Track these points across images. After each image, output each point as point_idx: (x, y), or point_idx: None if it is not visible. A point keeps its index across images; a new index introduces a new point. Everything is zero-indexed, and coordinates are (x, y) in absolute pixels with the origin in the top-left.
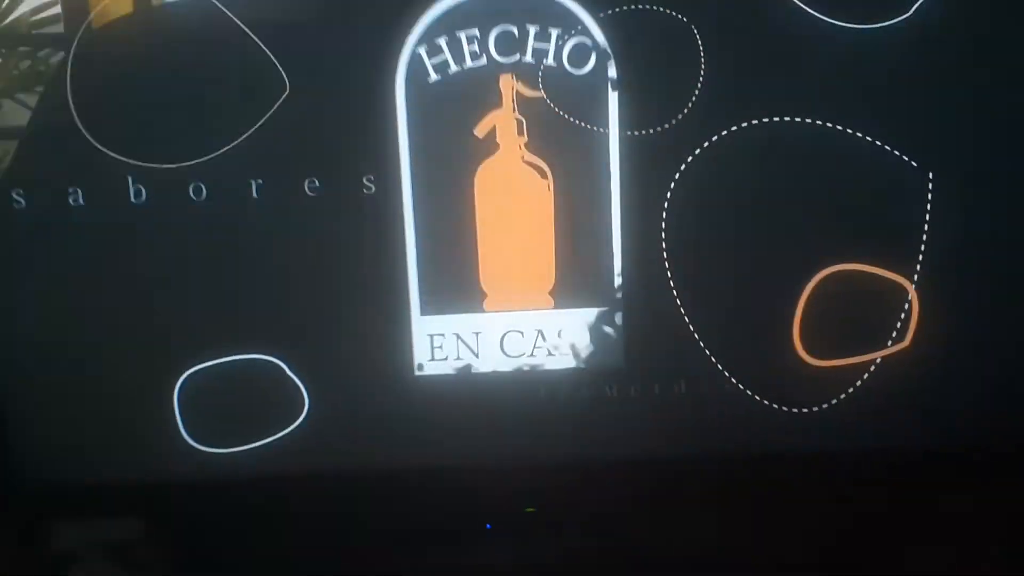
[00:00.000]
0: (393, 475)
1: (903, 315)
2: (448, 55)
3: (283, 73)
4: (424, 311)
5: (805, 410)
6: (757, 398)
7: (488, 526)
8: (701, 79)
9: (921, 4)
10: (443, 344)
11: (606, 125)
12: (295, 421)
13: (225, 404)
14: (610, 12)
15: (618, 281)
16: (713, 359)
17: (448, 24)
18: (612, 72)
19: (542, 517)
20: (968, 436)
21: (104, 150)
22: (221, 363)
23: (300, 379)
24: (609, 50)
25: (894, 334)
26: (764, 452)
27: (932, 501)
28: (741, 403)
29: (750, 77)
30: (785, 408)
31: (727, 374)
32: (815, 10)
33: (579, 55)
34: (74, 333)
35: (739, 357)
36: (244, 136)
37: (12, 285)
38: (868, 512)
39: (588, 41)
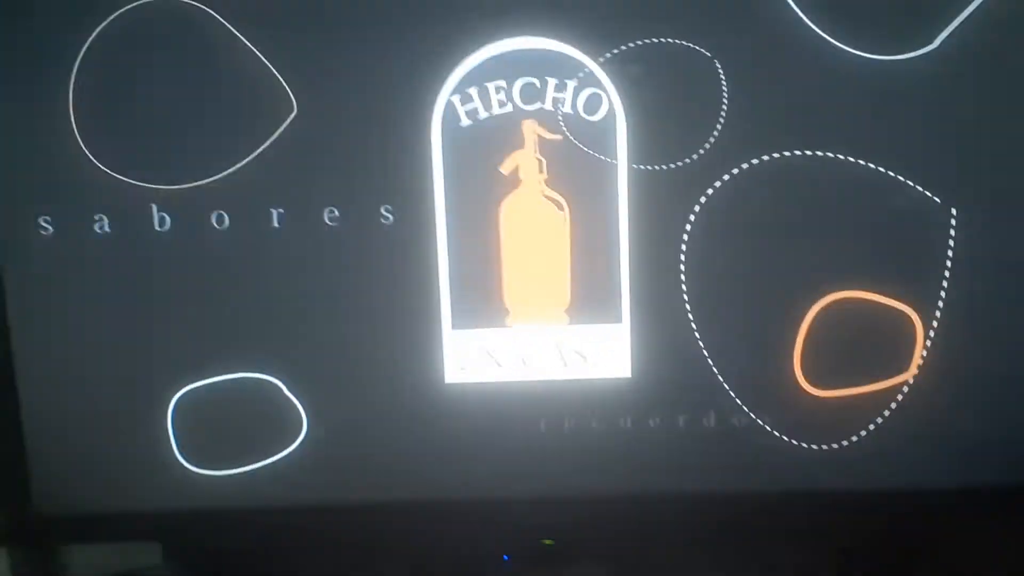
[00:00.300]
0: (408, 505)
1: (925, 351)
2: (478, 103)
3: (308, 112)
4: (455, 326)
5: (826, 446)
6: (776, 433)
7: (506, 558)
8: (723, 114)
9: (946, 36)
10: (471, 356)
11: (616, 162)
12: (296, 441)
13: (237, 426)
14: (611, 55)
15: (628, 305)
16: (732, 393)
17: (478, 76)
18: (621, 117)
19: (560, 549)
20: (990, 473)
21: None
22: (226, 384)
23: (303, 400)
24: (618, 98)
25: (916, 370)
26: (786, 489)
27: (955, 539)
28: (761, 438)
29: (770, 110)
30: (806, 444)
31: (746, 408)
32: (838, 40)
33: (593, 103)
34: (94, 357)
35: (757, 391)
36: (265, 165)
37: (39, 310)
38: (890, 550)
39: (600, 92)
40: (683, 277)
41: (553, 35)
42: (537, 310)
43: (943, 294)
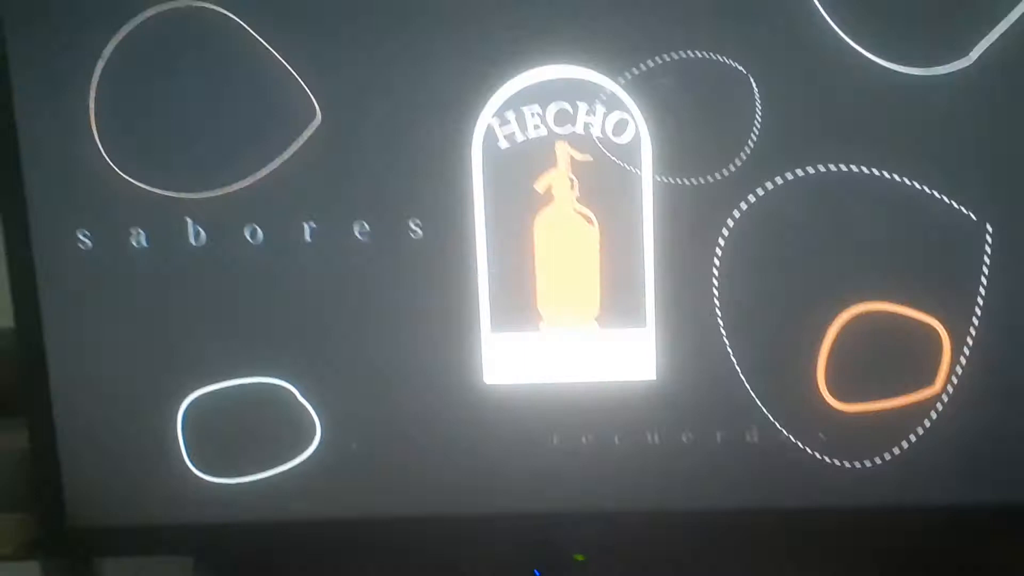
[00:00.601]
0: (438, 517)
1: (960, 367)
2: (515, 126)
3: (336, 124)
4: (493, 329)
5: (859, 464)
6: (809, 450)
7: (536, 573)
8: (755, 129)
9: (983, 51)
10: (508, 359)
11: (641, 178)
12: (322, 452)
13: (258, 435)
14: (632, 75)
15: (652, 311)
16: (763, 408)
17: (516, 102)
18: (646, 138)
19: (591, 565)
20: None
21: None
22: (241, 391)
23: (324, 410)
24: (642, 120)
25: (949, 385)
26: (820, 505)
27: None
28: (794, 454)
29: (803, 124)
30: (839, 462)
31: (778, 425)
32: (872, 53)
33: (620, 126)
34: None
35: (789, 406)
36: (294, 175)
37: (74, 323)
38: (928, 568)
39: (626, 115)
40: (715, 289)
41: (583, 63)
42: (568, 316)
43: (978, 310)
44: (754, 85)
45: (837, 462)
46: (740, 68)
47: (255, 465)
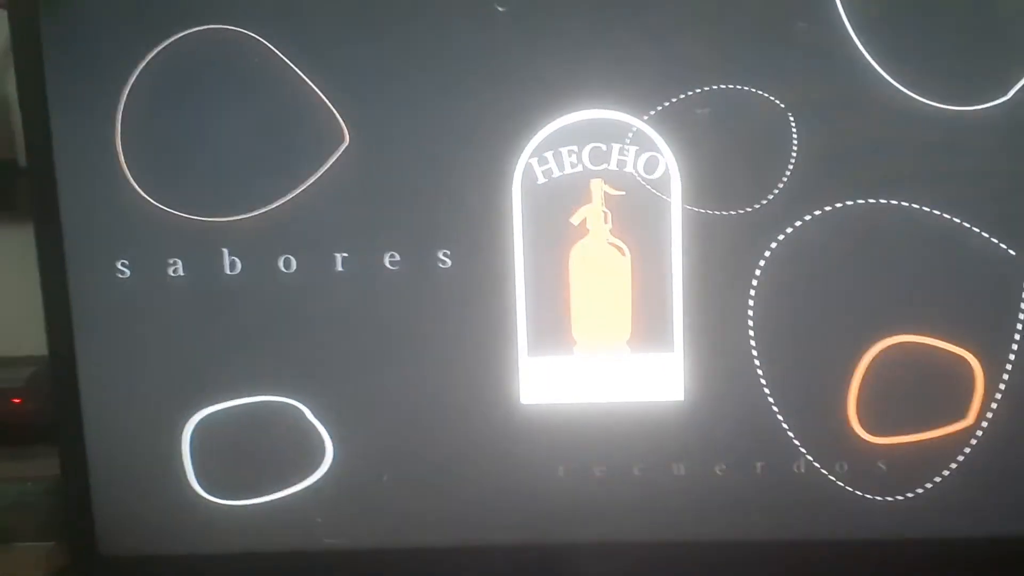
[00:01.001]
0: (463, 548)
1: (995, 402)
2: (552, 164)
3: (367, 153)
4: (530, 353)
5: (891, 498)
6: (841, 484)
7: None
8: (791, 163)
9: (1020, 88)
10: (543, 382)
11: (670, 211)
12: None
13: (270, 458)
14: (656, 112)
15: (680, 337)
16: (795, 440)
17: (553, 142)
18: (676, 174)
19: None
20: None
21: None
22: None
23: (339, 435)
24: (672, 156)
25: (984, 419)
26: (855, 538)
27: None
28: (825, 488)
29: (840, 158)
30: (870, 496)
31: (810, 457)
32: (910, 90)
33: (652, 164)
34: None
35: (820, 439)
36: (324, 202)
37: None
38: None
39: (658, 155)
40: (750, 319)
41: (613, 105)
42: (601, 341)
43: (1015, 345)
44: (791, 118)
45: (870, 496)
46: (777, 102)
47: (276, 487)
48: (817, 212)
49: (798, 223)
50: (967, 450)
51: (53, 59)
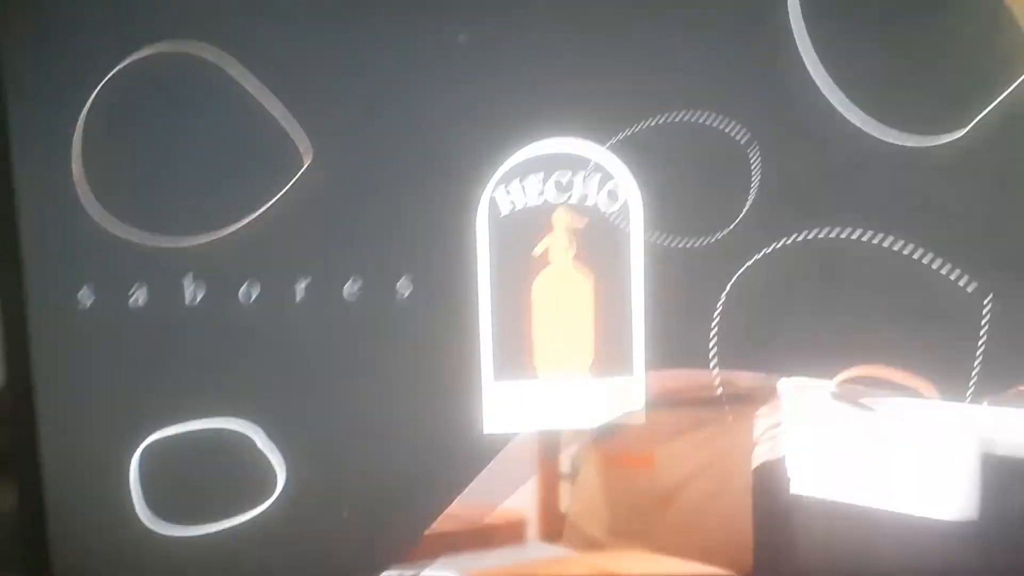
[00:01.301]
0: None
1: None
2: (516, 196)
3: (329, 179)
4: (496, 378)
5: None
6: None
7: None
8: (751, 194)
9: (979, 121)
10: (507, 408)
11: (631, 242)
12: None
13: (220, 487)
14: (616, 140)
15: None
16: None
17: (517, 173)
18: (637, 203)
19: None
20: None
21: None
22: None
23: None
24: (634, 186)
25: None
26: None
27: None
28: None
29: (802, 190)
30: None
31: None
32: (871, 122)
33: (612, 196)
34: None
35: None
36: (282, 230)
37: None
38: None
39: (616, 181)
40: (712, 344)
41: (576, 135)
42: (564, 367)
43: (975, 375)
44: (751, 150)
45: None
46: (736, 133)
47: (223, 517)
48: (777, 244)
49: (758, 255)
50: None
51: (8, 85)
